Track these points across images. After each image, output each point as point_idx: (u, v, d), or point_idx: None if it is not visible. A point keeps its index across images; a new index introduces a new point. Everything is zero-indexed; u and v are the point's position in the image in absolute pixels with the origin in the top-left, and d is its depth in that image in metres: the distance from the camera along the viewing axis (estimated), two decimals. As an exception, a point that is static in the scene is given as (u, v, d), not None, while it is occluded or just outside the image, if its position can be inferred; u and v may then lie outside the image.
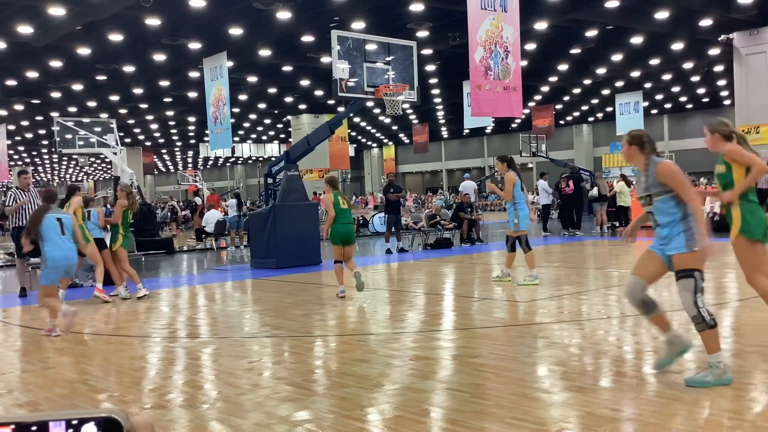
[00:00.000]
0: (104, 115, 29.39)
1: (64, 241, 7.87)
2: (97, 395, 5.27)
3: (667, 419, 4.11)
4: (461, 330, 7.21)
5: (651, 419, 4.13)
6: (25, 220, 10.97)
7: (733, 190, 5.39)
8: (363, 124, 48.77)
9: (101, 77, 27.47)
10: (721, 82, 36.68)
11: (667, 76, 34.80)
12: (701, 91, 40.75)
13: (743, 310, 7.57)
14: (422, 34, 22.38)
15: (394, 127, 52.53)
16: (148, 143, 53.01)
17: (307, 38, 22.73)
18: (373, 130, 54.02)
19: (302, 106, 38.09)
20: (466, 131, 52.81)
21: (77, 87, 29.14)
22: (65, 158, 56.46)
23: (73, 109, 33.01)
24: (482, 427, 4.11)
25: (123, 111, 36.10)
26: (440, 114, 45.32)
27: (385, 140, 61.51)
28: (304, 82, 30.68)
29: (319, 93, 33.12)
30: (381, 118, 45.15)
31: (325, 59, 23.83)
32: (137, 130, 45.70)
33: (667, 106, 46.97)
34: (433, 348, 6.43)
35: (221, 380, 5.56)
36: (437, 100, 38.26)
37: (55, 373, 6.05)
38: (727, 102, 42.48)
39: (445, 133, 57.82)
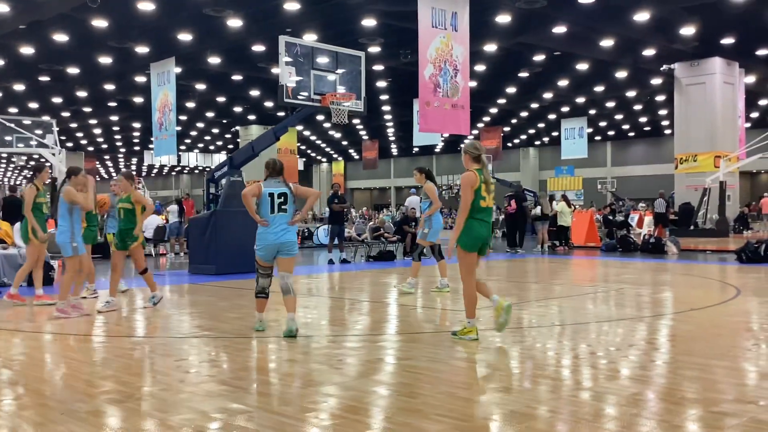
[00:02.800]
0: (46, 117, 28.70)
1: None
2: (12, 387, 5.08)
3: (590, 418, 4.18)
4: (397, 335, 7.22)
5: (572, 418, 4.19)
6: None
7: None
8: (313, 137, 48.69)
9: (44, 78, 26.85)
10: (663, 112, 37.86)
11: (610, 104, 35.75)
12: (643, 119, 41.96)
13: (676, 324, 7.77)
14: (374, 49, 22.53)
15: (344, 143, 52.62)
16: (90, 148, 51.92)
17: (258, 48, 22.65)
18: (323, 145, 53.98)
19: (251, 117, 37.89)
20: (416, 149, 53.21)
21: (19, 87, 28.41)
22: (4, 159, 54.75)
23: (13, 110, 32.14)
24: (407, 422, 4.11)
25: (66, 114, 35.32)
26: (390, 131, 45.60)
27: (335, 155, 61.56)
28: (254, 93, 30.54)
29: (269, 104, 33.00)
30: (331, 132, 45.18)
31: (275, 70, 23.78)
32: (80, 135, 44.76)
33: (611, 133, 48.21)
34: (367, 350, 6.42)
35: (149, 377, 5.45)
36: (387, 117, 38.52)
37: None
38: (667, 131, 43.86)
39: (394, 151, 58.16)
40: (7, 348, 6.71)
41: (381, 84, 28.78)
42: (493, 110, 36.62)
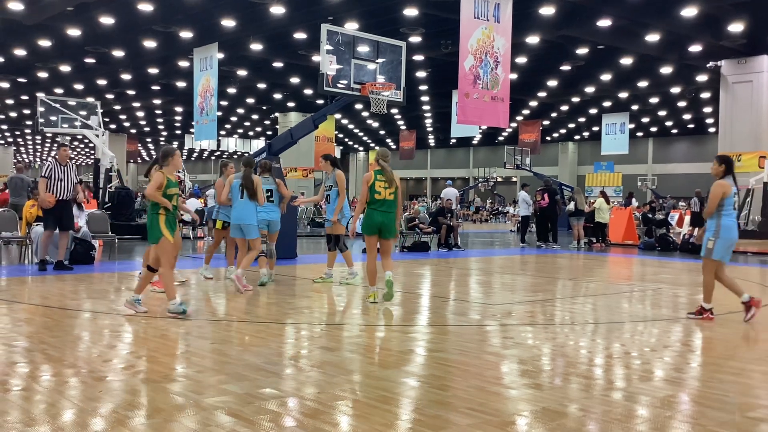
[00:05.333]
0: (90, 99, 29.23)
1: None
2: (53, 365, 5.22)
3: (622, 419, 4.15)
4: (429, 326, 7.23)
5: (604, 418, 4.16)
6: (60, 192, 10.95)
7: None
8: (351, 126, 48.77)
9: (90, 60, 27.29)
10: (707, 109, 37.09)
11: (654, 100, 35.13)
12: (687, 116, 41.16)
13: (712, 325, 7.64)
14: (415, 39, 22.45)
15: (382, 132, 52.61)
16: (133, 131, 52.67)
17: (300, 35, 22.72)
18: (361, 134, 54.03)
19: (291, 104, 38.05)
20: (453, 141, 53.00)
21: (65, 68, 28.92)
22: (48, 139, 55.92)
23: (59, 91, 32.75)
24: (437, 415, 4.13)
25: (110, 96, 35.87)
26: (428, 122, 45.45)
27: (372, 144, 61.56)
28: (294, 80, 30.65)
29: (308, 92, 33.11)
30: (369, 121, 45.20)
31: (316, 58, 23.82)
32: (123, 117, 45.42)
33: (653, 129, 47.40)
34: (399, 341, 6.45)
35: (184, 359, 5.54)
36: (426, 107, 38.38)
37: (13, 342, 5.99)
38: (711, 129, 42.97)
39: (432, 142, 57.97)
40: (49, 325, 6.88)
41: (420, 74, 28.67)
42: (533, 103, 36.24)
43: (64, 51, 25.59)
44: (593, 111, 38.67)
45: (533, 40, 22.37)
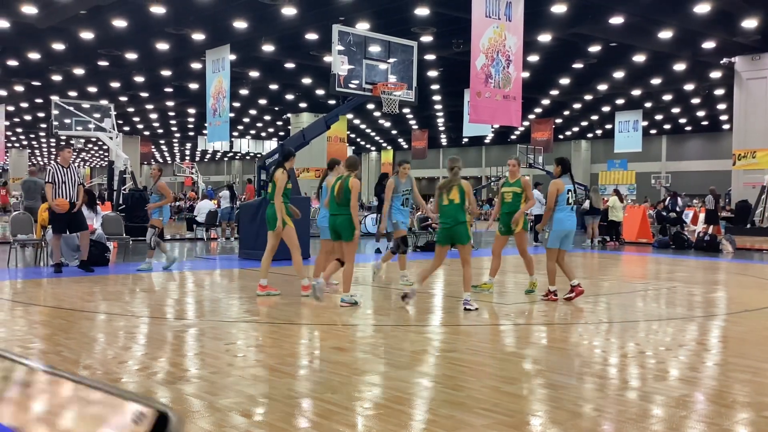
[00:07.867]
0: (104, 102, 29.41)
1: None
2: (69, 366, 5.26)
3: (637, 419, 4.13)
4: (442, 326, 7.23)
5: (619, 418, 4.15)
6: (64, 195, 11.00)
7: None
8: (363, 126, 48.78)
9: (103, 63, 27.46)
10: (721, 106, 36.81)
11: (667, 97, 34.91)
12: (701, 113, 40.87)
13: (728, 325, 7.60)
14: (426, 39, 22.42)
15: (394, 132, 52.58)
16: (146, 133, 52.91)
17: (311, 36, 22.76)
18: (373, 133, 54.02)
19: (303, 105, 38.10)
20: (465, 140, 52.86)
21: (78, 71, 29.11)
22: (62, 142, 56.18)
23: (73, 94, 32.97)
24: (451, 415, 4.12)
25: (123, 98, 36.06)
26: (440, 121, 45.37)
27: (384, 144, 61.55)
28: (306, 81, 30.71)
29: (320, 92, 33.15)
30: (381, 121, 45.20)
31: (327, 58, 23.82)
32: (136, 119, 45.66)
33: (666, 127, 47.09)
34: (412, 341, 6.44)
35: (198, 360, 5.57)
36: (438, 106, 38.33)
37: (29, 344, 6.04)
38: (726, 126, 42.62)
39: (444, 141, 57.85)
40: (64, 327, 6.93)
41: (432, 74, 28.64)
42: (546, 101, 36.11)
43: (78, 54, 25.75)
44: (606, 109, 38.47)
45: (545, 38, 22.30)
